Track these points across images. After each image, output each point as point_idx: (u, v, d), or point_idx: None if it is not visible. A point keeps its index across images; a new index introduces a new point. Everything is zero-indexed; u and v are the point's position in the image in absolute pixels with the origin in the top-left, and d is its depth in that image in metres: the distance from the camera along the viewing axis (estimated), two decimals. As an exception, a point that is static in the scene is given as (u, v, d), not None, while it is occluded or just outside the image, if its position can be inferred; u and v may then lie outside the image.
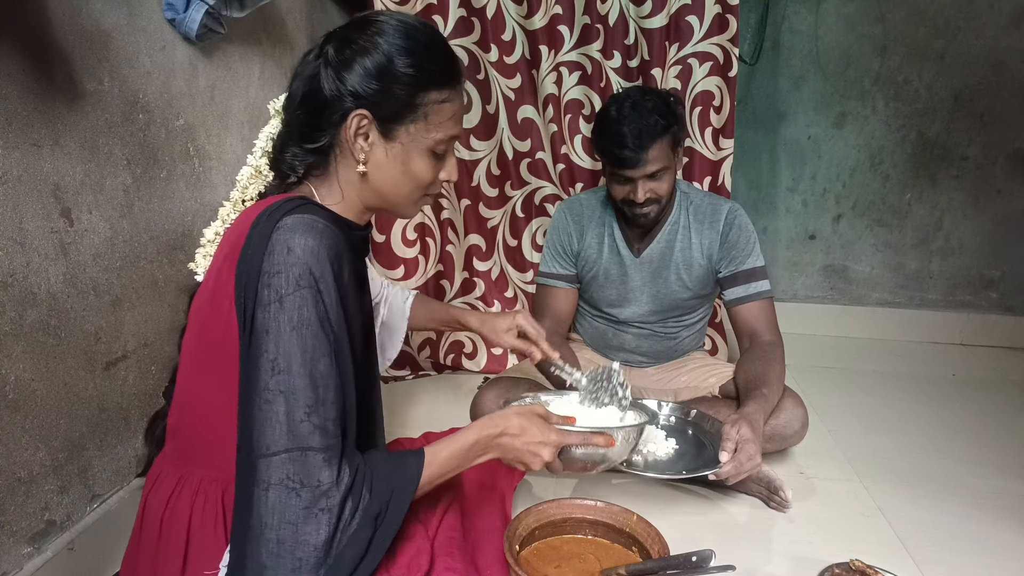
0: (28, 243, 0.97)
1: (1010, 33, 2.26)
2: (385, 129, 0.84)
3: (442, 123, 0.87)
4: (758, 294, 1.54)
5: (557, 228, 1.69)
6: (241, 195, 1.13)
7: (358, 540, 0.77)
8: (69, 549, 1.06)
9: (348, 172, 0.88)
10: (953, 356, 2.39)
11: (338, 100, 0.83)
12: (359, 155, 0.85)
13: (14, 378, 0.96)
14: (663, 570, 0.95)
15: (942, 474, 1.54)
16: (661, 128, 1.41)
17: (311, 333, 0.75)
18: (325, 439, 0.75)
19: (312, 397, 0.74)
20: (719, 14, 1.81)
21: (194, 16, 1.25)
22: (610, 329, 1.69)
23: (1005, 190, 2.40)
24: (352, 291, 0.84)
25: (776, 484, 1.36)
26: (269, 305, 0.74)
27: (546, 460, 0.92)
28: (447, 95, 0.86)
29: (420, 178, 0.88)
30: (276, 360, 0.74)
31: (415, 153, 0.86)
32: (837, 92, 2.40)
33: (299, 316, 0.74)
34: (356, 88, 0.82)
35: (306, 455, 0.74)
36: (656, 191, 1.47)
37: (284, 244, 0.75)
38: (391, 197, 0.89)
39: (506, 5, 1.88)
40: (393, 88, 0.82)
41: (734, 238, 1.55)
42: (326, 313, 0.76)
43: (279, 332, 0.74)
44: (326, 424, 0.75)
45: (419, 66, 0.83)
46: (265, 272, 0.75)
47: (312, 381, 0.75)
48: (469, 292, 2.12)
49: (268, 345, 0.74)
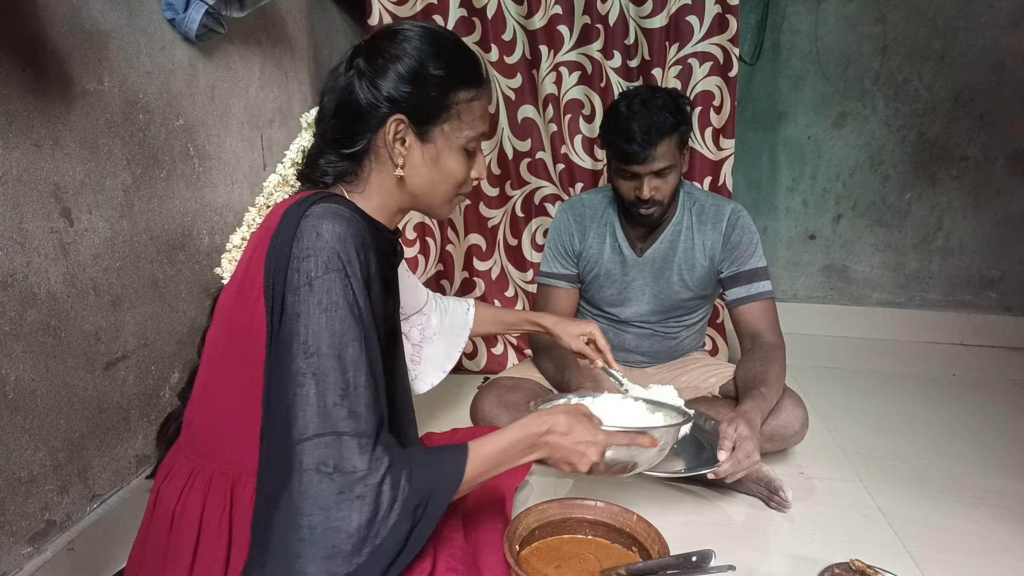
0: (28, 243, 0.97)
1: (1010, 33, 2.26)
2: (421, 131, 0.87)
3: (473, 121, 0.90)
4: (760, 294, 1.54)
5: (559, 228, 1.69)
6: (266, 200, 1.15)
7: (398, 532, 0.76)
8: (69, 549, 1.06)
9: (383, 177, 0.90)
10: (953, 356, 2.39)
11: (374, 107, 0.85)
12: (397, 159, 0.87)
13: (14, 378, 0.96)
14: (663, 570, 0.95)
15: (942, 474, 1.54)
16: (670, 126, 1.41)
17: (340, 316, 0.75)
18: (358, 424, 0.75)
19: (343, 380, 0.75)
20: (719, 14, 1.81)
21: (194, 16, 1.25)
22: (611, 329, 1.69)
23: (1005, 190, 2.40)
24: (378, 286, 0.85)
25: (776, 484, 1.36)
26: (299, 289, 0.75)
27: (593, 460, 0.90)
28: (475, 93, 0.89)
29: (455, 177, 0.91)
30: (307, 343, 0.74)
31: (449, 152, 0.89)
32: (837, 92, 2.40)
33: (328, 299, 0.75)
34: (391, 93, 0.85)
35: (340, 439, 0.73)
36: (661, 190, 1.47)
37: (313, 229, 0.77)
38: (427, 199, 0.92)
39: (506, 5, 1.88)
40: (427, 91, 0.85)
41: (737, 239, 1.55)
42: (355, 297, 0.77)
43: (309, 315, 0.75)
44: (358, 408, 0.75)
45: (448, 68, 0.86)
46: (295, 257, 0.76)
47: (343, 364, 0.75)
48: (469, 292, 2.12)
49: (299, 328, 0.75)
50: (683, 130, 1.45)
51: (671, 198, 1.52)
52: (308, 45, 1.83)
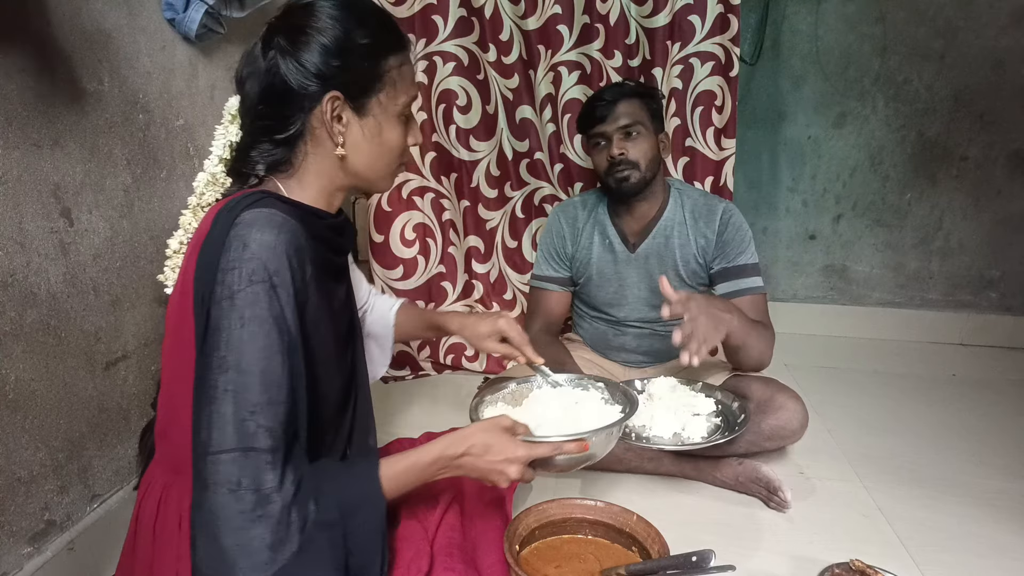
0: (28, 243, 0.97)
1: (1010, 33, 2.26)
2: (358, 106, 0.84)
3: (407, 86, 0.87)
4: (748, 289, 1.54)
5: (551, 231, 1.70)
6: (199, 201, 1.11)
7: (316, 553, 0.74)
8: (69, 549, 1.06)
9: (321, 159, 0.86)
10: (953, 356, 2.39)
11: (304, 87, 0.81)
12: (337, 138, 0.84)
13: (14, 378, 0.96)
14: (663, 570, 0.95)
15: (942, 474, 1.54)
16: (632, 91, 1.55)
17: (263, 331, 0.73)
18: (271, 440, 0.72)
19: (260, 396, 0.72)
20: (721, 13, 1.81)
21: (194, 16, 1.25)
22: (610, 330, 1.69)
23: (1005, 190, 2.40)
24: (318, 285, 0.82)
25: (775, 484, 1.36)
26: (222, 302, 0.73)
27: (513, 478, 0.88)
28: (402, 57, 0.87)
29: (395, 147, 0.89)
30: (226, 357, 0.72)
31: (388, 123, 0.87)
32: (837, 92, 2.39)
33: (250, 312, 0.72)
34: (321, 69, 0.81)
35: (249, 455, 0.71)
36: (631, 152, 1.53)
37: (240, 240, 0.74)
38: (370, 174, 0.89)
39: (503, 5, 1.88)
40: (357, 62, 0.82)
41: (729, 236, 1.56)
42: (281, 310, 0.74)
43: (230, 329, 0.72)
44: (273, 425, 0.73)
45: (374, 35, 0.83)
46: (221, 269, 0.73)
47: (261, 380, 0.72)
48: (469, 294, 2.12)
49: (219, 342, 0.72)
50: (648, 101, 1.56)
51: (648, 167, 1.55)
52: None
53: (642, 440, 1.26)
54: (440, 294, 2.10)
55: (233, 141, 0.96)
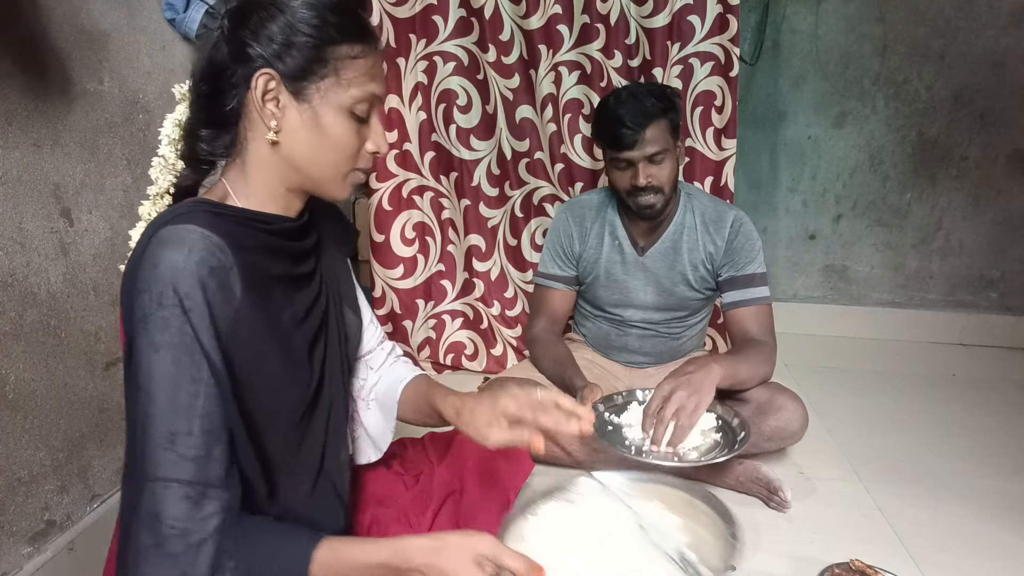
0: (28, 243, 0.97)
1: (1010, 33, 2.26)
2: (295, 88, 0.76)
3: (356, 79, 0.78)
4: (755, 299, 1.54)
5: (558, 229, 1.69)
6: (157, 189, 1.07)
7: None
8: (69, 549, 1.06)
9: (260, 147, 0.79)
10: (953, 356, 2.39)
11: (239, 62, 0.76)
12: (269, 121, 0.77)
13: (14, 378, 0.96)
14: None
15: (942, 474, 1.54)
16: (658, 110, 1.45)
17: (172, 357, 0.68)
18: (185, 473, 0.68)
19: (173, 425, 0.68)
20: (720, 14, 1.81)
21: (194, 16, 1.25)
22: (613, 330, 1.69)
23: (1005, 190, 2.40)
24: (255, 299, 0.76)
25: (776, 484, 1.36)
26: (136, 324, 0.69)
27: None
28: (359, 50, 0.78)
29: (341, 143, 0.79)
30: (140, 382, 0.68)
31: (331, 113, 0.78)
32: (837, 92, 2.39)
33: (160, 338, 0.68)
34: (256, 44, 0.75)
35: (166, 486, 0.67)
36: (657, 176, 1.48)
37: (151, 260, 0.69)
38: (312, 170, 0.80)
39: (503, 5, 1.87)
40: (297, 41, 0.75)
41: (739, 245, 1.55)
42: (194, 336, 0.69)
43: (143, 354, 0.68)
44: (190, 455, 0.68)
45: (322, 17, 0.76)
46: (137, 290, 0.69)
47: (172, 408, 0.68)
48: (469, 293, 2.12)
49: (136, 367, 0.69)
50: (672, 117, 1.48)
51: (670, 188, 1.52)
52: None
53: (641, 454, 1.26)
54: (439, 292, 2.10)
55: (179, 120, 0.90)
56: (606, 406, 1.40)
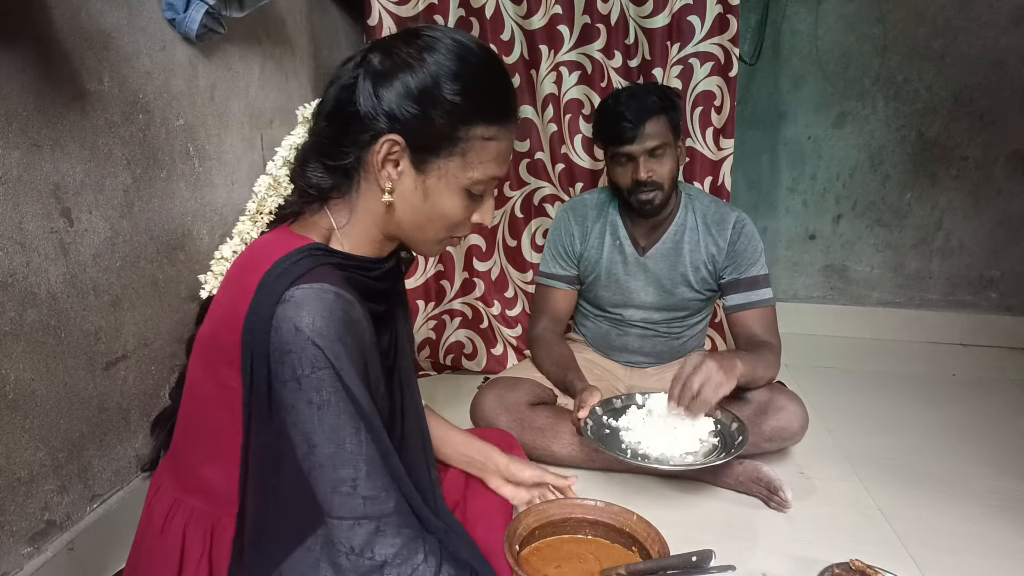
0: (28, 243, 0.97)
1: (1010, 33, 2.26)
2: (418, 159, 0.76)
3: (484, 163, 0.77)
4: (759, 302, 1.54)
5: (559, 229, 1.69)
6: (258, 207, 1.05)
7: None
8: (69, 549, 1.06)
9: (371, 200, 0.79)
10: (953, 356, 2.39)
11: (371, 118, 0.74)
12: (385, 183, 0.76)
13: (14, 378, 0.96)
14: (663, 570, 0.95)
15: (942, 474, 1.54)
16: (658, 106, 1.48)
17: (333, 414, 0.71)
18: (376, 508, 0.72)
19: (352, 470, 0.72)
20: (720, 14, 1.81)
21: (194, 16, 1.25)
22: (613, 330, 1.69)
23: (1005, 190, 2.40)
24: (371, 346, 0.78)
25: (776, 484, 1.36)
26: (288, 383, 0.70)
27: None
28: (494, 132, 0.77)
29: (449, 218, 0.79)
30: (309, 436, 0.71)
31: (447, 191, 0.77)
32: (837, 92, 2.39)
33: (319, 397, 0.70)
34: (392, 108, 0.73)
35: (359, 524, 0.71)
36: (658, 172, 1.49)
37: (291, 322, 0.69)
38: (414, 233, 0.81)
39: (504, 5, 1.88)
40: (433, 115, 0.74)
41: (742, 246, 1.56)
42: (346, 391, 0.71)
43: (301, 412, 0.70)
44: (374, 494, 0.72)
45: (467, 94, 0.74)
46: (276, 348, 0.70)
47: (347, 455, 0.72)
48: (469, 292, 2.11)
49: (297, 420, 0.71)
50: (672, 115, 1.50)
51: (670, 185, 1.52)
52: (308, 45, 1.83)
53: (637, 458, 1.26)
54: (439, 292, 2.10)
55: (298, 143, 0.91)
56: (604, 410, 1.40)
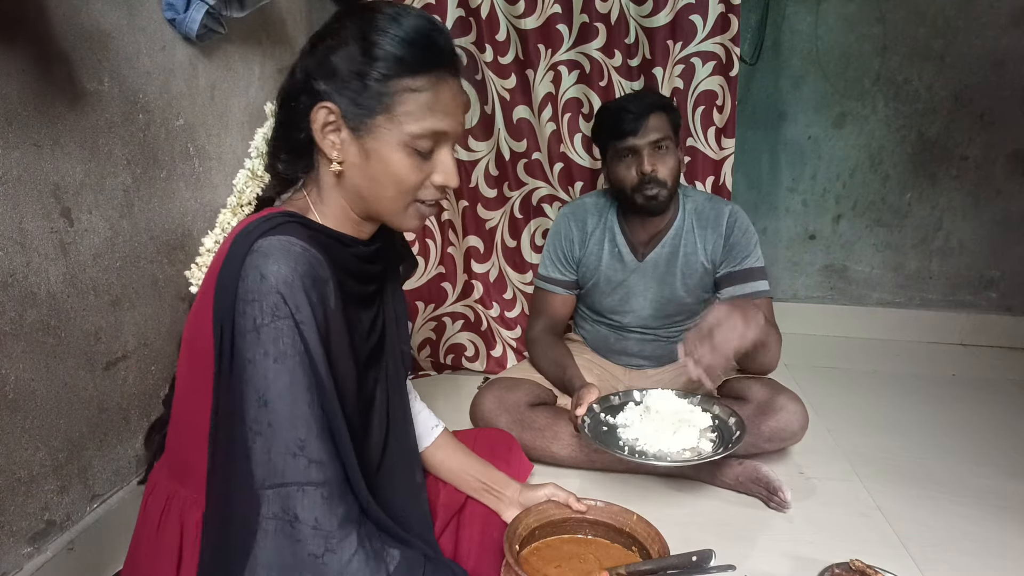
0: (28, 243, 0.97)
1: (1010, 33, 2.26)
2: (354, 123, 0.76)
3: (413, 114, 0.76)
4: (754, 293, 1.53)
5: (559, 233, 1.68)
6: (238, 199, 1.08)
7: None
8: (69, 549, 1.06)
9: (327, 174, 0.80)
10: (953, 356, 2.39)
11: (305, 92, 0.76)
12: (331, 152, 0.77)
13: (14, 378, 0.96)
14: (663, 570, 0.95)
15: (942, 474, 1.54)
16: (659, 104, 1.51)
17: (289, 367, 0.70)
18: (321, 474, 0.71)
19: (298, 432, 0.70)
20: (722, 13, 1.81)
21: (194, 16, 1.25)
22: (612, 334, 1.69)
23: (1005, 190, 2.40)
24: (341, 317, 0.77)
25: (776, 484, 1.36)
26: (247, 334, 0.70)
27: None
28: (421, 83, 0.76)
29: (399, 179, 0.78)
30: (260, 391, 0.70)
31: (387, 149, 0.77)
32: (837, 92, 2.39)
33: (276, 348, 0.69)
34: (319, 77, 0.75)
35: (301, 490, 0.69)
36: (661, 168, 1.49)
37: (257, 270, 0.70)
38: (374, 203, 0.81)
39: (499, 5, 1.87)
40: (356, 75, 0.74)
41: (736, 239, 1.55)
42: (305, 346, 0.71)
43: (258, 363, 0.70)
44: (316, 459, 0.70)
45: (383, 48, 0.74)
46: (240, 299, 0.70)
47: (295, 415, 0.70)
48: (468, 295, 2.11)
49: (252, 375, 0.70)
50: (672, 115, 1.53)
51: (673, 183, 1.53)
52: (308, 45, 1.83)
53: (635, 455, 1.26)
54: (440, 295, 2.10)
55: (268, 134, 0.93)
56: (602, 407, 1.40)
